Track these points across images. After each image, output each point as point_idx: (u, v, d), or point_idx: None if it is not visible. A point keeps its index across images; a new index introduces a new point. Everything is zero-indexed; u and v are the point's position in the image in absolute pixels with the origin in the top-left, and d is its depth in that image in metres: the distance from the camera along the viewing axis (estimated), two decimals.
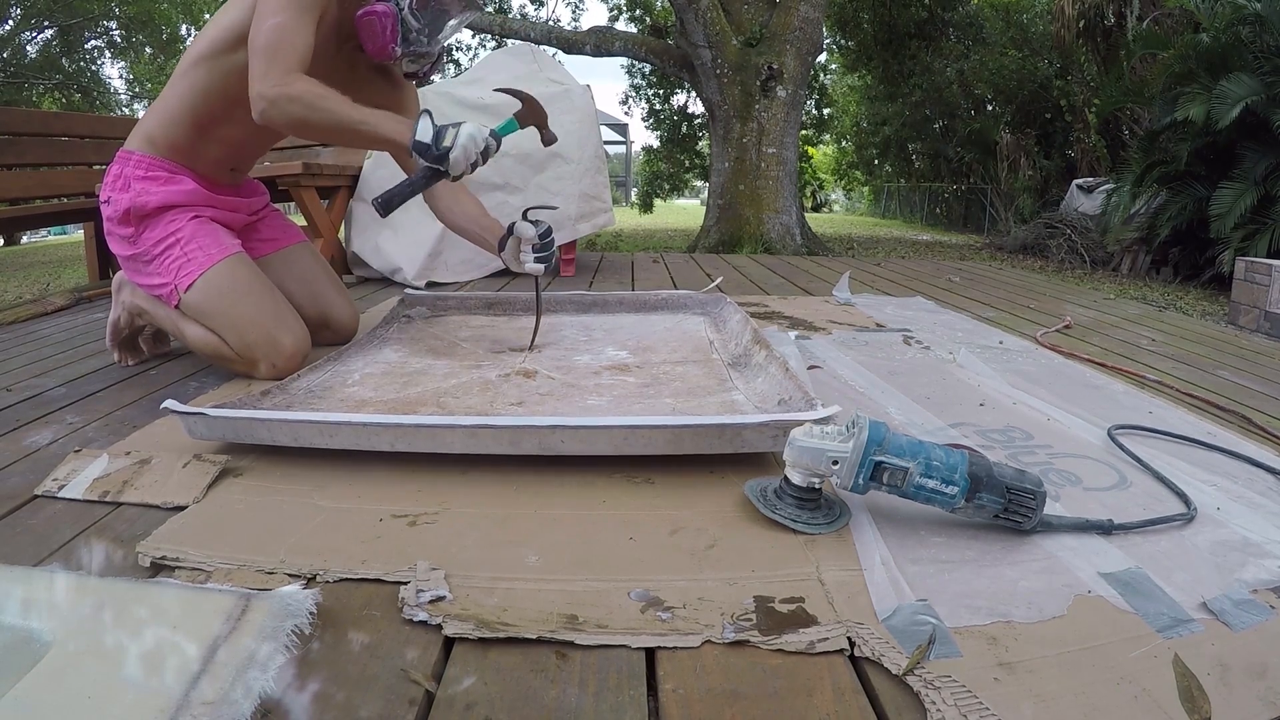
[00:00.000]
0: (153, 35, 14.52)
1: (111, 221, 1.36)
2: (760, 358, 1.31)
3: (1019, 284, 2.92)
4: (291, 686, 0.55)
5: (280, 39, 1.19)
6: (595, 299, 1.88)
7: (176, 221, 1.35)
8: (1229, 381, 1.50)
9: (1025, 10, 11.55)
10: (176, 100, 1.34)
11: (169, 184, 1.36)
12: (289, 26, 1.20)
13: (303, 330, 1.40)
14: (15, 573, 0.67)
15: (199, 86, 1.32)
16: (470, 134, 1.23)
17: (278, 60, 1.19)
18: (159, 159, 1.36)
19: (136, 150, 1.36)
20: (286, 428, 0.94)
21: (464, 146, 1.22)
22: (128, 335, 1.51)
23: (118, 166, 1.37)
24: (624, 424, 0.91)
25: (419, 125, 1.21)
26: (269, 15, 1.20)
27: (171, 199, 1.35)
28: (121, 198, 1.34)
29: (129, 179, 1.34)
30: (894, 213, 17.67)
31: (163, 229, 1.34)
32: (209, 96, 1.32)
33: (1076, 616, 0.65)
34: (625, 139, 23.61)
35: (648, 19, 11.75)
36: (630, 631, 0.62)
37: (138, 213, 1.33)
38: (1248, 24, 5.04)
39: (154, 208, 1.34)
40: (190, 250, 1.33)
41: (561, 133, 2.74)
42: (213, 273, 1.33)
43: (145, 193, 1.33)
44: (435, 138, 1.21)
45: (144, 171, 1.35)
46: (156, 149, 1.36)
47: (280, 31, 1.19)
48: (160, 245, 1.34)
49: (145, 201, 1.33)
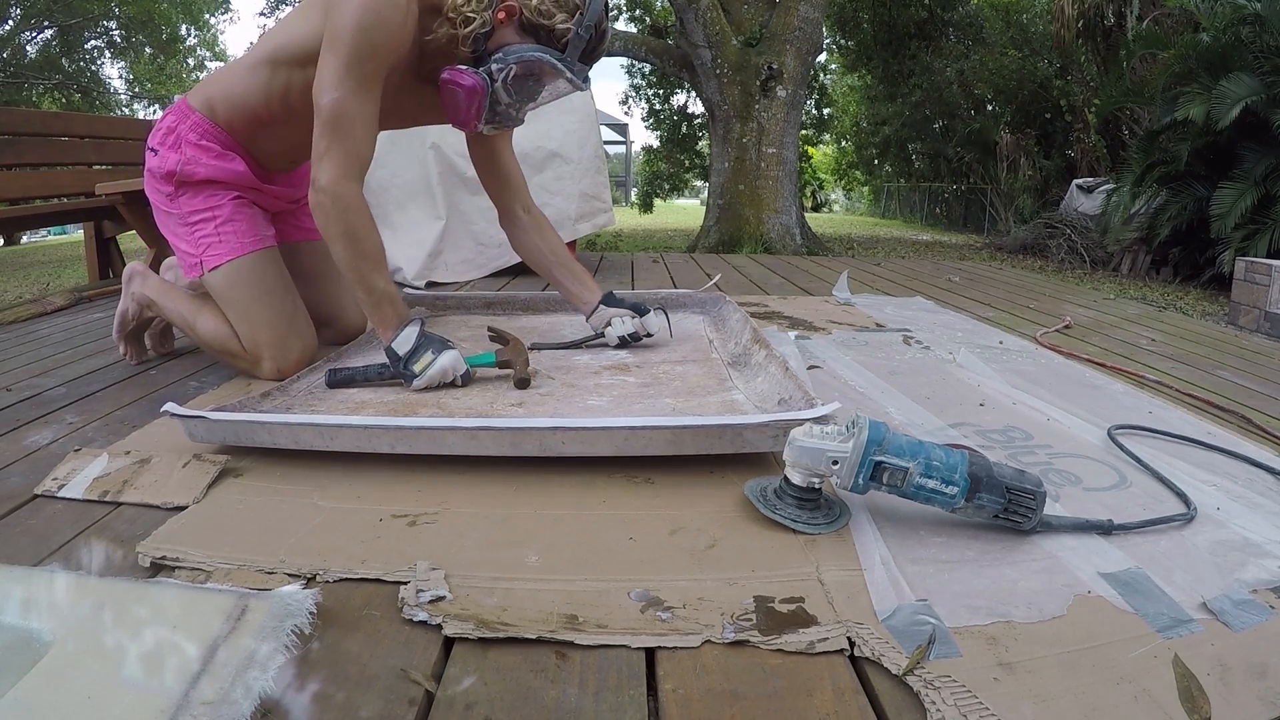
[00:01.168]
0: (153, 35, 14.53)
1: (154, 174, 1.33)
2: (760, 357, 1.31)
3: (1019, 284, 2.92)
4: (291, 686, 0.55)
5: (339, 122, 1.13)
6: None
7: (217, 197, 1.32)
8: (1229, 381, 1.50)
9: (1025, 10, 11.54)
10: (241, 89, 1.29)
11: (220, 159, 1.32)
12: (348, 108, 1.13)
13: (312, 336, 1.40)
14: (15, 573, 0.67)
15: (263, 86, 1.27)
16: (443, 367, 1.19)
17: (334, 147, 1.13)
18: (217, 128, 1.32)
19: (198, 110, 1.31)
20: (287, 430, 0.93)
21: (430, 378, 1.19)
22: (134, 328, 1.50)
23: (173, 118, 1.33)
24: (624, 425, 0.91)
25: (403, 332, 1.18)
26: (328, 87, 1.12)
27: (218, 175, 1.32)
28: (169, 156, 1.30)
29: (182, 139, 1.31)
30: (894, 213, 17.67)
31: (202, 201, 1.32)
32: (270, 100, 1.27)
33: (1076, 616, 0.65)
34: (625, 139, 23.62)
35: (648, 19, 11.75)
36: (630, 631, 0.62)
37: (182, 178, 1.31)
38: (1248, 24, 5.03)
39: (199, 179, 1.31)
40: (225, 232, 1.32)
41: (561, 133, 2.77)
42: (241, 262, 1.31)
43: (194, 161, 1.30)
44: (410, 354, 1.18)
45: (198, 137, 1.31)
46: (216, 119, 1.32)
47: (338, 114, 1.12)
48: (196, 216, 1.32)
49: (193, 171, 1.30)
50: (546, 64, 1.18)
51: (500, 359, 1.27)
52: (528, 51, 1.17)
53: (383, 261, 1.21)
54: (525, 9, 1.16)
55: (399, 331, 1.19)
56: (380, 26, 1.11)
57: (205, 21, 16.36)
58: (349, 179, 1.16)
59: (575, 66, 1.20)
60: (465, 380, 1.23)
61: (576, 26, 1.17)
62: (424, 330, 1.21)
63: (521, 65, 1.18)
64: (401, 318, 1.20)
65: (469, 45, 1.17)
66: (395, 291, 1.22)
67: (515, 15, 1.17)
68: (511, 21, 1.17)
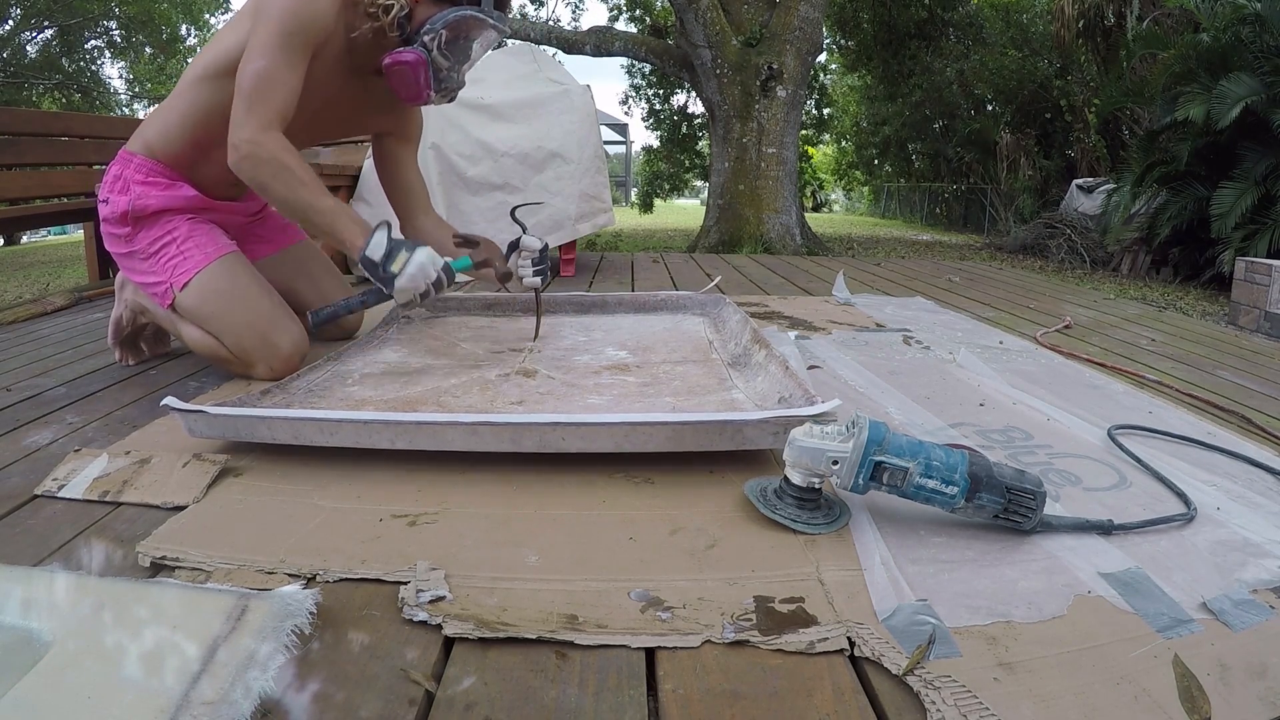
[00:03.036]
0: (153, 35, 14.53)
1: (109, 221, 1.36)
2: (760, 357, 1.31)
3: (1019, 284, 2.92)
4: (291, 686, 0.55)
5: (261, 86, 1.15)
6: (594, 300, 1.88)
7: (173, 221, 1.35)
8: (1229, 381, 1.50)
9: (1025, 10, 11.54)
10: (176, 118, 1.32)
11: (169, 189, 1.35)
12: (272, 74, 1.16)
13: (300, 331, 1.39)
14: (15, 573, 0.67)
15: (199, 106, 1.29)
16: (421, 263, 1.18)
17: (255, 109, 1.15)
18: (159, 164, 1.35)
19: (138, 154, 1.36)
20: (287, 425, 0.93)
21: (412, 275, 1.17)
22: (129, 333, 1.51)
23: (118, 167, 1.36)
24: (625, 421, 0.91)
25: (373, 238, 1.18)
26: (254, 57, 1.16)
27: (170, 204, 1.35)
28: (120, 200, 1.33)
29: (129, 182, 1.34)
30: (894, 213, 17.67)
31: (160, 229, 1.34)
32: (209, 118, 1.29)
33: (1076, 616, 0.65)
34: (625, 139, 23.61)
35: (648, 19, 11.76)
36: (630, 631, 0.62)
37: (135, 214, 1.33)
38: (1248, 24, 5.04)
39: (152, 211, 1.33)
40: (186, 248, 1.33)
41: (561, 133, 2.77)
42: (208, 272, 1.32)
43: (144, 196, 1.33)
44: (385, 257, 1.17)
45: (144, 176, 1.34)
46: (156, 157, 1.35)
47: (262, 78, 1.15)
48: (156, 244, 1.34)
49: (144, 205, 1.33)
50: (470, 18, 1.25)
51: (476, 260, 1.27)
52: (450, 13, 1.24)
53: (322, 185, 1.21)
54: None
55: (368, 239, 1.19)
56: (308, 5, 1.17)
57: (205, 21, 16.37)
58: (268, 129, 1.17)
59: (495, 14, 1.27)
60: (447, 277, 1.22)
61: None
62: (392, 234, 1.21)
63: (448, 28, 1.24)
64: (364, 226, 1.20)
65: (395, 30, 1.23)
66: (346, 206, 1.23)
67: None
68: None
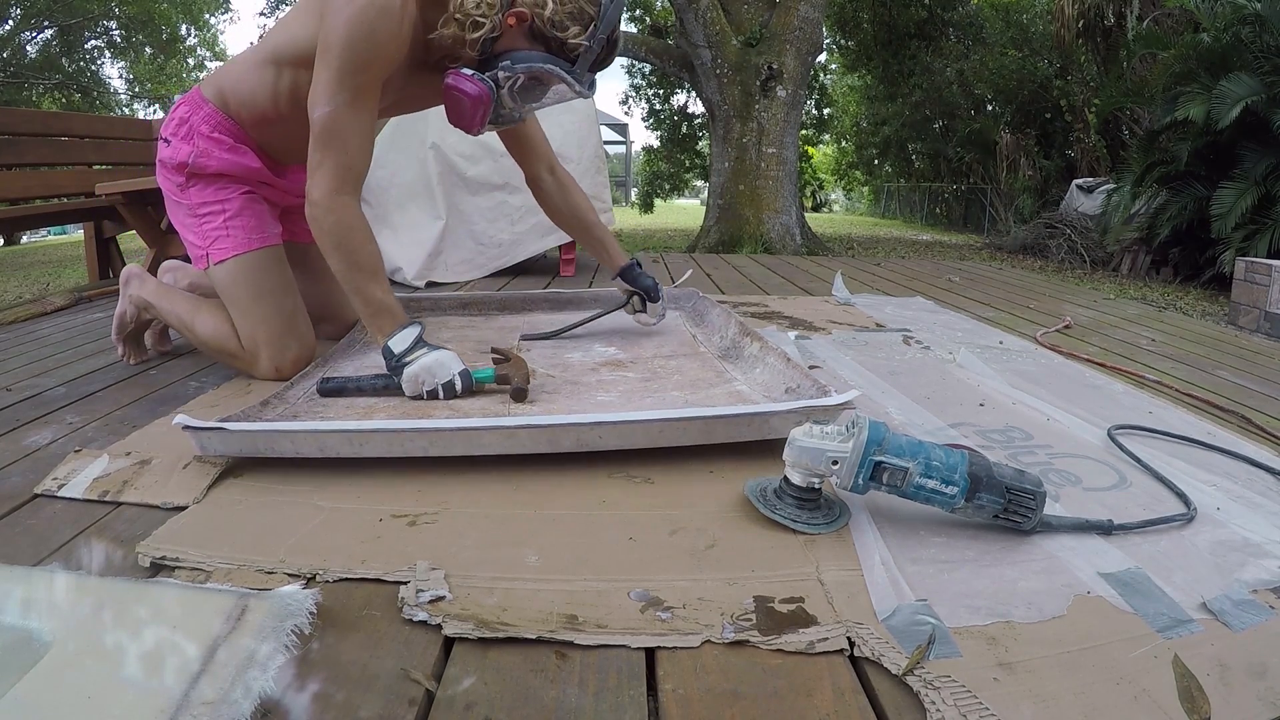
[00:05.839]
0: (153, 35, 14.54)
1: (165, 164, 1.33)
2: (754, 349, 1.34)
3: (1019, 284, 2.91)
4: (291, 686, 0.55)
5: (328, 137, 1.12)
6: (570, 297, 1.88)
7: (228, 191, 1.33)
8: (1229, 381, 1.50)
9: (1025, 10, 11.54)
10: (249, 86, 1.28)
11: (232, 152, 1.32)
12: (340, 121, 1.11)
13: (311, 338, 1.39)
14: (15, 573, 0.67)
15: (270, 85, 1.26)
16: (430, 363, 1.14)
17: (326, 161, 1.12)
18: (229, 120, 1.32)
19: (211, 101, 1.31)
20: (312, 439, 0.90)
21: (417, 370, 1.14)
22: (133, 330, 1.50)
23: (186, 109, 1.32)
24: (661, 417, 0.94)
25: (403, 331, 1.16)
26: (320, 101, 1.11)
27: (230, 169, 1.32)
28: (182, 148, 1.30)
29: (195, 131, 1.30)
30: (894, 213, 17.67)
31: (212, 194, 1.32)
32: (277, 99, 1.27)
33: (1076, 616, 0.65)
34: (625, 139, 23.60)
35: (648, 19, 11.77)
36: (630, 631, 0.62)
37: (194, 170, 1.31)
38: (1248, 24, 5.04)
39: (211, 172, 1.31)
40: (233, 227, 1.32)
41: (561, 133, 2.76)
42: (247, 258, 1.32)
43: (207, 154, 1.30)
44: (405, 352, 1.15)
45: (210, 129, 1.31)
46: (229, 110, 1.32)
47: (328, 129, 1.11)
48: (205, 208, 1.32)
49: (205, 164, 1.30)
50: (553, 74, 1.15)
51: (500, 374, 1.22)
52: (537, 62, 1.14)
53: (379, 272, 1.19)
54: (538, 18, 1.11)
55: (397, 330, 1.17)
56: (370, 38, 1.08)
57: (205, 21, 16.38)
58: (342, 192, 1.15)
59: (582, 79, 1.17)
60: (463, 383, 1.17)
61: (589, 40, 1.14)
62: (422, 335, 1.19)
63: (530, 75, 1.15)
64: (399, 322, 1.19)
65: (475, 50, 1.14)
66: (394, 302, 1.19)
67: (526, 21, 1.13)
68: (521, 27, 1.14)
